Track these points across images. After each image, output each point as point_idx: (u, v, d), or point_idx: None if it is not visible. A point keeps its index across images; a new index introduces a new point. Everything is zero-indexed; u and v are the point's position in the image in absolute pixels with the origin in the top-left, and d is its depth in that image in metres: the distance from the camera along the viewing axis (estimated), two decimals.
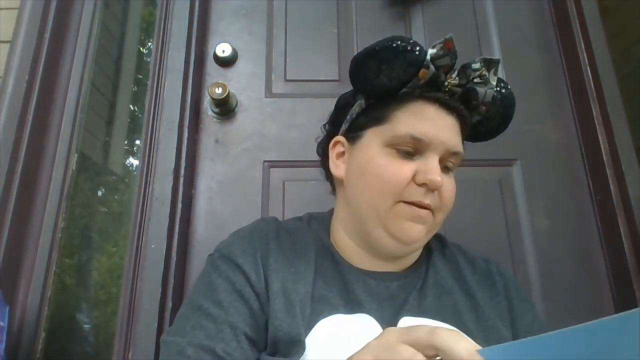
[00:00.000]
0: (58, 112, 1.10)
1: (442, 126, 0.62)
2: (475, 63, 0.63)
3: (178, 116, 1.10)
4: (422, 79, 0.61)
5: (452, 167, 0.66)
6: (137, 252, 1.01)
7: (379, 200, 0.62)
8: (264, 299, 0.59)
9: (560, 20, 1.27)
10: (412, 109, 0.63)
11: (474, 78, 0.63)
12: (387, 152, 0.63)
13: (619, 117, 1.10)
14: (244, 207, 1.11)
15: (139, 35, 1.28)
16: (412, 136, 0.61)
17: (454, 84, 0.63)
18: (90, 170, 1.13)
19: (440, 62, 0.61)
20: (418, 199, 0.60)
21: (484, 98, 0.64)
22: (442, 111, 0.63)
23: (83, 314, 1.01)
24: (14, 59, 1.06)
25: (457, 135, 0.64)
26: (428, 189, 0.60)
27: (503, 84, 0.66)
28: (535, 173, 1.15)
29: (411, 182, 0.61)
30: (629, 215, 1.03)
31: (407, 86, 0.62)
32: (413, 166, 0.61)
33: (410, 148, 0.62)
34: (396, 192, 0.61)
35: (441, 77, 0.62)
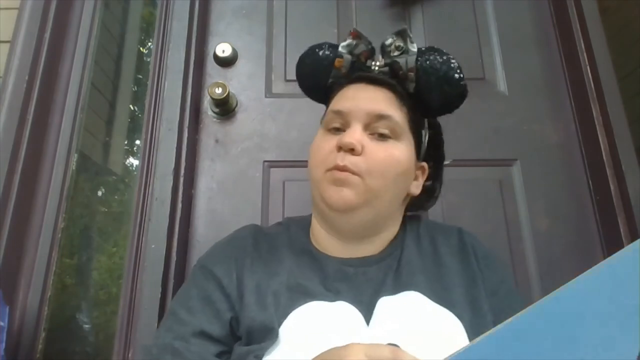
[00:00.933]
0: (58, 112, 1.10)
1: (364, 97, 0.68)
2: (387, 40, 0.70)
3: (178, 116, 1.10)
4: (340, 67, 0.70)
5: (389, 134, 0.67)
6: (137, 252, 1.01)
7: (314, 173, 0.68)
8: (235, 298, 0.65)
9: (560, 20, 1.27)
10: (339, 94, 0.71)
11: (392, 52, 0.69)
12: (323, 134, 0.70)
13: (619, 117, 1.10)
14: (244, 207, 1.11)
15: (139, 35, 1.28)
16: (333, 111, 0.69)
17: (381, 65, 0.70)
18: (90, 170, 1.13)
19: (356, 50, 0.70)
20: (335, 163, 0.64)
21: (407, 65, 0.68)
22: (369, 87, 0.69)
23: (83, 314, 1.01)
24: (14, 59, 1.06)
25: (383, 102, 0.67)
26: (344, 151, 0.64)
27: (430, 52, 0.69)
28: (535, 173, 1.15)
29: (334, 151, 0.65)
30: (629, 215, 1.03)
31: (331, 76, 0.72)
32: (336, 138, 0.66)
33: (337, 124, 0.68)
34: (322, 162, 0.66)
35: (362, 61, 0.71)
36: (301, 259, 0.70)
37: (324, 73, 0.72)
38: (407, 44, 0.68)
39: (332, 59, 0.71)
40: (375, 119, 0.66)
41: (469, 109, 1.20)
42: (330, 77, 0.72)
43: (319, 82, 0.74)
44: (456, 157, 1.15)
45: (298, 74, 0.77)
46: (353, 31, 0.70)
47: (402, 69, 0.68)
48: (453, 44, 1.26)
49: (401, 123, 0.67)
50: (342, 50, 0.70)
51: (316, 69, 0.73)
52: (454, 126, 1.19)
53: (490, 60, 1.26)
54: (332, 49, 0.71)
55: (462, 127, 1.18)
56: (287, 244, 0.72)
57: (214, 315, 0.64)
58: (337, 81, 0.72)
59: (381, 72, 0.70)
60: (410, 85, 0.68)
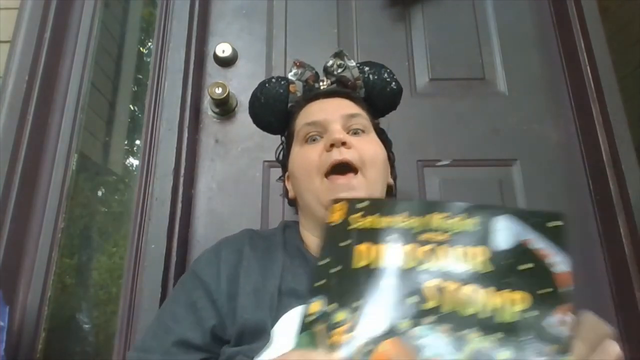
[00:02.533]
0: (58, 112, 1.10)
1: (331, 105, 0.76)
2: (328, 62, 0.81)
3: (178, 116, 1.10)
4: (295, 92, 0.80)
5: (363, 129, 0.75)
6: (137, 252, 1.01)
7: (309, 183, 0.70)
8: (223, 302, 0.66)
9: (560, 20, 1.27)
10: (303, 113, 0.78)
11: (335, 71, 0.81)
12: (301, 148, 0.75)
13: (619, 117, 1.10)
14: (244, 207, 1.11)
15: (139, 35, 1.28)
16: (307, 123, 0.74)
17: (328, 85, 0.81)
18: (90, 170, 1.13)
19: (303, 77, 0.81)
20: (332, 160, 0.68)
21: (352, 76, 0.80)
22: (328, 99, 0.78)
23: (83, 314, 1.01)
24: (14, 59, 1.06)
25: (347, 106, 0.76)
26: (337, 148, 0.69)
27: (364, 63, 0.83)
28: (535, 173, 1.15)
29: (324, 153, 0.70)
30: (629, 215, 1.03)
31: (289, 101, 0.80)
32: (321, 143, 0.72)
33: (314, 133, 0.73)
34: (315, 167, 0.70)
35: (311, 84, 0.81)
36: (294, 261, 0.70)
37: (281, 100, 0.80)
38: (346, 61, 0.80)
39: (285, 85, 0.80)
40: (348, 118, 0.73)
41: (469, 109, 1.21)
42: (289, 102, 0.80)
43: (278, 110, 0.81)
44: (456, 157, 1.15)
45: (256, 110, 0.83)
46: (296, 61, 0.81)
47: (350, 79, 0.80)
48: (453, 44, 1.26)
49: (367, 120, 0.77)
50: (292, 77, 0.80)
51: (274, 97, 0.80)
52: (454, 126, 1.19)
53: (490, 60, 1.26)
54: (283, 80, 0.81)
55: (462, 127, 1.18)
56: (281, 245, 0.73)
57: (196, 323, 0.65)
58: (295, 104, 0.80)
59: (330, 89, 0.79)
60: (361, 91, 0.80)
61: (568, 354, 0.39)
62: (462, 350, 0.39)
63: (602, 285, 1.06)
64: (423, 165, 1.15)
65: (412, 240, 0.45)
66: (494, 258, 0.43)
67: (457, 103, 1.21)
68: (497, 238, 0.44)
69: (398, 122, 1.05)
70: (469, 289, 0.42)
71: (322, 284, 0.44)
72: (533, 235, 0.44)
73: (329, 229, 0.48)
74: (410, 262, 0.44)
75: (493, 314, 0.40)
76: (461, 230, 0.45)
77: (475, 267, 0.43)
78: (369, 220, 0.47)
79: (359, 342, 0.40)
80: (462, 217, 0.46)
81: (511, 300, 0.41)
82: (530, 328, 0.39)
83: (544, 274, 0.42)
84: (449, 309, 0.41)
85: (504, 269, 0.43)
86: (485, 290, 0.42)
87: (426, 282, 0.42)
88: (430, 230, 0.46)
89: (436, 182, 1.14)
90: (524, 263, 0.43)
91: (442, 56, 1.25)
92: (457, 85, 1.24)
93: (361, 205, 0.48)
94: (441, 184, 1.13)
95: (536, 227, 0.44)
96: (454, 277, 0.43)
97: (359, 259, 0.45)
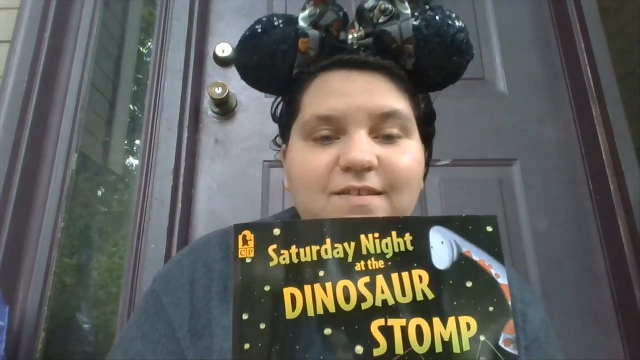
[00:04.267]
0: (58, 112, 1.10)
1: (357, 91, 0.50)
2: (366, 3, 0.53)
3: (178, 116, 1.10)
4: (307, 51, 0.52)
5: (400, 133, 0.51)
6: (137, 252, 1.01)
7: (309, 200, 0.52)
8: (189, 342, 0.50)
9: (560, 20, 1.27)
10: (316, 88, 0.53)
11: (379, 18, 0.52)
12: (305, 146, 0.52)
13: (619, 117, 1.10)
14: (244, 207, 1.11)
15: (139, 35, 1.28)
16: (318, 117, 0.50)
17: (361, 37, 0.53)
18: (90, 170, 1.13)
19: (324, 21, 0.52)
20: (348, 185, 0.48)
21: (401, 36, 0.51)
22: (354, 74, 0.51)
23: (83, 314, 1.01)
24: (14, 59, 1.06)
25: (383, 93, 0.51)
26: (356, 171, 0.48)
27: (424, 9, 0.53)
28: (535, 173, 1.15)
29: (335, 169, 0.50)
30: (629, 215, 1.03)
31: (296, 66, 0.53)
32: (334, 151, 0.50)
33: (326, 132, 0.51)
34: (320, 185, 0.50)
35: (334, 36, 0.53)
36: None
37: (283, 62, 0.53)
38: (397, 5, 0.51)
39: (293, 40, 0.52)
40: (382, 118, 0.50)
41: (469, 109, 1.21)
42: (295, 66, 0.53)
43: (277, 74, 0.54)
44: (456, 157, 1.15)
45: (242, 66, 0.56)
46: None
47: (395, 41, 0.51)
48: None
49: (409, 114, 0.52)
50: (303, 24, 0.52)
51: (272, 56, 0.52)
52: (454, 126, 1.19)
53: (490, 60, 1.25)
54: (289, 25, 0.52)
55: (462, 127, 1.18)
56: None
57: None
58: (304, 71, 0.53)
59: (364, 47, 0.53)
60: (409, 61, 0.52)
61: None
62: None
63: (602, 285, 1.06)
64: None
65: (347, 274, 0.39)
66: (436, 281, 0.39)
67: (457, 103, 1.21)
68: (436, 254, 0.40)
69: None
70: (417, 322, 0.38)
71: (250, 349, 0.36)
72: (471, 246, 0.40)
73: (245, 267, 0.38)
74: (349, 303, 0.38)
75: (446, 348, 0.37)
76: (397, 252, 0.40)
77: (419, 296, 0.38)
78: (291, 252, 0.39)
79: None
80: (394, 235, 0.40)
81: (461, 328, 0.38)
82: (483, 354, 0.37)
83: (490, 289, 0.39)
84: (401, 353, 0.37)
85: (449, 291, 0.39)
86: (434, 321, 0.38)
87: (372, 324, 0.38)
88: (364, 257, 0.39)
89: (436, 182, 1.13)
90: (468, 279, 0.39)
91: None
92: (457, 85, 1.22)
93: (276, 232, 0.39)
94: (441, 184, 1.13)
95: (473, 235, 0.40)
96: (399, 312, 0.38)
97: (291, 307, 0.38)
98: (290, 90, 0.56)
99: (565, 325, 1.00)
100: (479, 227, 0.40)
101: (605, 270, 1.07)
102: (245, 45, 0.54)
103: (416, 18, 0.51)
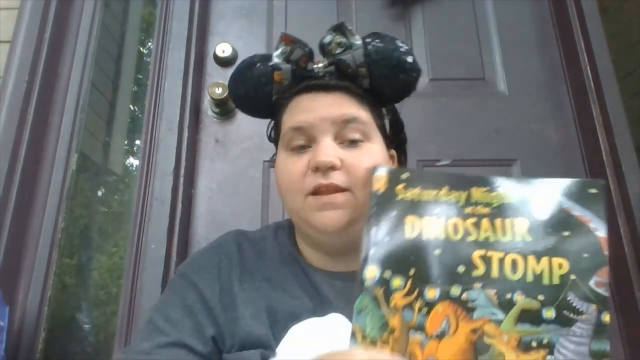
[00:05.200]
0: (58, 112, 1.10)
1: (321, 106, 0.62)
2: (325, 38, 0.65)
3: (178, 116, 1.10)
4: (281, 81, 0.65)
5: (361, 137, 0.62)
6: (137, 252, 1.01)
7: (291, 201, 0.63)
8: (219, 312, 0.61)
9: (560, 20, 1.27)
10: (290, 108, 0.65)
11: (336, 50, 0.64)
12: (286, 155, 0.64)
13: (619, 117, 1.10)
14: (244, 207, 1.11)
15: (139, 35, 1.28)
16: (292, 128, 0.63)
17: (325, 66, 0.65)
18: (90, 170, 1.13)
19: (293, 56, 0.64)
20: (317, 183, 0.59)
21: (355, 62, 0.63)
22: (320, 94, 0.63)
23: (83, 314, 1.01)
24: (14, 59, 1.06)
25: (343, 105, 0.63)
26: (323, 171, 0.59)
27: (372, 39, 0.64)
28: (535, 173, 1.15)
29: (308, 172, 0.60)
30: (629, 215, 1.03)
31: (274, 93, 0.66)
32: (307, 157, 0.61)
33: (300, 141, 0.62)
34: (298, 187, 0.61)
35: (303, 67, 0.65)
36: (289, 271, 0.66)
37: (264, 91, 0.66)
38: (349, 38, 0.63)
39: (269, 73, 0.65)
40: (343, 125, 0.61)
41: (469, 109, 1.21)
42: (273, 93, 0.66)
43: (261, 101, 0.68)
44: (456, 157, 1.15)
45: (234, 97, 0.71)
46: (284, 36, 0.65)
47: (350, 66, 0.63)
48: (453, 44, 1.26)
49: (368, 122, 0.63)
50: (277, 60, 0.65)
51: (254, 88, 0.66)
52: (454, 126, 1.19)
53: (490, 60, 1.25)
54: (266, 62, 0.66)
55: (462, 127, 1.18)
56: (273, 252, 0.68)
57: (196, 330, 0.60)
58: (281, 96, 0.66)
59: (327, 73, 0.65)
60: (364, 81, 0.64)
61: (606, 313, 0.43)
62: (509, 311, 0.44)
63: None
64: (423, 165, 1.15)
65: (457, 214, 0.48)
66: (535, 228, 0.47)
67: (457, 103, 1.21)
68: (537, 207, 0.47)
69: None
70: (513, 257, 0.46)
71: (374, 252, 0.48)
72: (572, 203, 0.47)
73: (377, 197, 0.50)
74: (457, 234, 0.48)
75: (536, 279, 0.45)
76: (502, 203, 0.48)
77: (518, 237, 0.46)
78: (414, 192, 0.50)
79: (417, 306, 0.45)
80: (501, 190, 0.49)
81: (552, 266, 0.45)
82: (572, 289, 0.44)
83: (586, 239, 0.45)
84: (495, 276, 0.45)
85: (546, 236, 0.46)
86: (529, 258, 0.46)
87: (473, 253, 0.46)
88: (472, 204, 0.49)
89: None
90: (566, 229, 0.46)
91: (442, 56, 1.25)
92: (457, 85, 1.24)
93: (404, 176, 0.50)
94: None
95: (575, 195, 0.47)
96: (498, 247, 0.47)
97: (410, 230, 0.48)
98: (274, 114, 0.69)
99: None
100: (583, 189, 0.47)
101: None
102: (234, 81, 0.69)
103: (367, 46, 0.63)
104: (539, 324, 0.44)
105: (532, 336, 0.44)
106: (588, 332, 0.43)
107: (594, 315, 0.43)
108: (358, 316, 0.47)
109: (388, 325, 0.46)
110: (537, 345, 0.43)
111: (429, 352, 0.45)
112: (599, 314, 0.43)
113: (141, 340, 0.60)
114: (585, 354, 0.43)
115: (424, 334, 0.45)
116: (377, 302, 0.47)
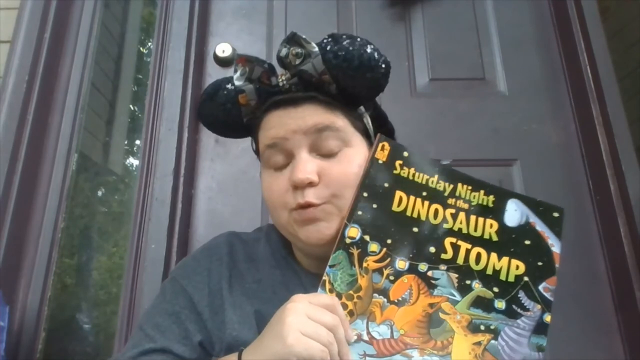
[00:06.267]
0: (58, 112, 1.10)
1: (291, 119, 0.61)
2: (280, 51, 0.62)
3: (178, 116, 1.10)
4: (248, 102, 0.64)
5: (339, 144, 0.61)
6: (137, 252, 1.01)
7: (277, 217, 0.64)
8: (208, 316, 0.62)
9: (560, 20, 1.27)
10: (263, 127, 0.64)
11: (294, 62, 0.61)
12: (268, 174, 0.64)
13: (619, 117, 1.10)
14: (244, 207, 1.11)
15: (139, 35, 1.28)
16: (267, 145, 0.63)
17: (288, 78, 0.62)
18: (90, 170, 1.13)
19: (254, 75, 0.62)
20: (296, 202, 0.59)
21: (316, 70, 0.60)
22: (289, 108, 0.62)
23: (83, 314, 1.01)
24: (14, 59, 1.06)
25: (314, 115, 0.61)
26: (302, 188, 0.59)
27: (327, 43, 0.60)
28: (535, 173, 1.15)
29: (290, 189, 0.60)
30: (629, 215, 1.03)
31: (243, 115, 0.65)
32: (287, 174, 0.61)
33: (279, 159, 0.62)
34: (281, 204, 0.61)
35: (266, 83, 0.63)
36: (281, 273, 0.66)
37: (233, 116, 0.65)
38: (305, 47, 0.60)
39: (233, 98, 0.64)
40: (317, 135, 0.60)
41: (469, 109, 1.21)
42: (243, 116, 0.65)
43: (233, 126, 0.68)
44: (456, 157, 1.15)
45: (206, 125, 0.71)
46: (239, 58, 0.63)
47: (313, 75, 0.60)
48: (453, 44, 1.26)
49: (343, 127, 0.61)
50: (238, 83, 0.63)
51: (223, 115, 0.66)
52: (454, 126, 1.19)
53: (490, 60, 1.25)
54: (229, 87, 0.65)
55: (462, 127, 1.18)
56: (265, 254, 0.68)
57: (183, 337, 0.61)
58: (251, 117, 0.65)
59: (292, 85, 0.62)
60: (331, 87, 0.61)
61: (548, 314, 0.51)
62: (465, 294, 0.51)
63: (602, 285, 1.06)
64: None
65: (440, 202, 0.55)
66: (503, 231, 0.54)
67: (457, 103, 1.21)
68: (508, 216, 0.55)
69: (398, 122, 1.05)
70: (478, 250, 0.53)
71: (361, 214, 0.54)
72: (537, 220, 0.55)
73: (377, 165, 0.56)
74: (436, 219, 0.54)
75: (495, 273, 0.52)
76: (480, 204, 0.55)
77: (487, 235, 0.54)
78: (409, 171, 0.56)
79: (386, 272, 0.52)
80: (481, 192, 0.56)
81: (511, 266, 0.52)
82: (523, 289, 0.52)
83: (543, 250, 0.54)
84: (460, 263, 0.52)
85: (510, 240, 0.54)
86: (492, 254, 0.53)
87: (446, 238, 0.53)
88: (456, 197, 0.55)
89: None
90: (528, 239, 0.54)
91: (442, 56, 1.25)
92: (457, 85, 1.24)
93: (405, 153, 0.57)
94: None
95: (541, 214, 0.55)
96: (468, 239, 0.54)
97: (397, 204, 0.55)
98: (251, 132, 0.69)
99: (565, 325, 0.99)
100: (549, 210, 0.56)
101: (605, 270, 1.07)
102: (202, 112, 0.69)
103: (325, 51, 0.60)
104: (489, 311, 0.51)
105: (482, 320, 0.50)
106: (530, 327, 0.50)
107: (538, 314, 0.51)
108: (330, 269, 0.53)
109: (357, 283, 0.52)
110: (484, 329, 0.50)
111: (387, 315, 0.50)
112: (542, 313, 0.51)
113: (131, 347, 0.61)
114: (524, 344, 0.50)
115: (387, 298, 0.51)
116: (352, 260, 0.53)
